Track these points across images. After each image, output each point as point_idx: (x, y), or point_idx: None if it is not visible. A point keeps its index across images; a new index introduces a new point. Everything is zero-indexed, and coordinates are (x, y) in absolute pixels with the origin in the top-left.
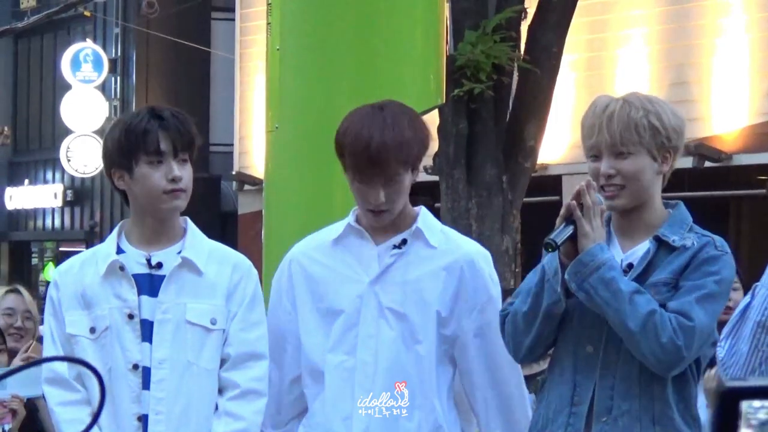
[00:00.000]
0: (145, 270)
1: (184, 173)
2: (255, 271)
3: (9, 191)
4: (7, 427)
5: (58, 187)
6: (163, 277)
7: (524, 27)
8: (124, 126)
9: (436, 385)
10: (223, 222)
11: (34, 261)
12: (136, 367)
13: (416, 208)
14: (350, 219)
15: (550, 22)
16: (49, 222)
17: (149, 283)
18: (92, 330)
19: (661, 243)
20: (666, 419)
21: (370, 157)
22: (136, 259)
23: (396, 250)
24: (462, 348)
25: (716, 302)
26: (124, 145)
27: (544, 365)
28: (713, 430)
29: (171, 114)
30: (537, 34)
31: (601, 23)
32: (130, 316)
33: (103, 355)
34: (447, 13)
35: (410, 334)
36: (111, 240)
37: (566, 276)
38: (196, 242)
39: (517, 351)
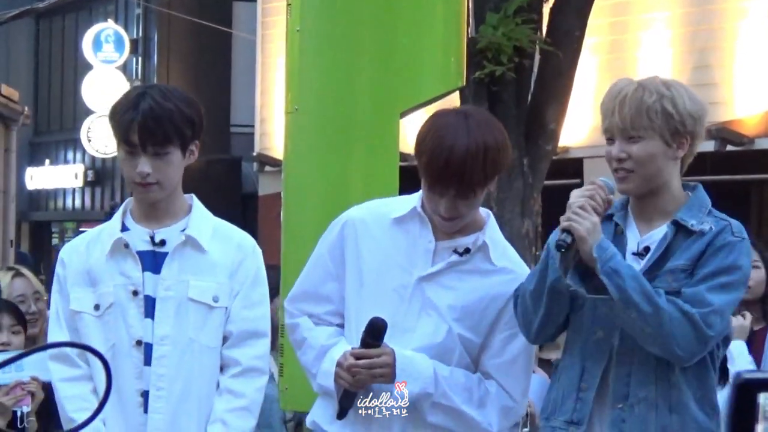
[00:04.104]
0: (148, 247)
1: (160, 166)
2: (259, 250)
3: (30, 171)
4: (26, 409)
5: (79, 168)
6: (166, 254)
7: (546, 9)
8: (113, 107)
9: None
10: (243, 203)
11: (55, 241)
12: (139, 343)
13: (484, 213)
14: (417, 203)
15: (572, 5)
16: (69, 202)
17: (152, 260)
18: (96, 307)
19: (679, 227)
20: (682, 407)
21: (449, 163)
22: (140, 237)
23: (456, 257)
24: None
25: (732, 291)
26: (111, 126)
27: (559, 353)
28: (730, 423)
29: (150, 106)
30: (559, 17)
31: (623, 6)
32: (135, 293)
33: (106, 332)
34: None
35: (450, 340)
36: (116, 218)
37: (596, 254)
38: (201, 220)
39: (528, 330)
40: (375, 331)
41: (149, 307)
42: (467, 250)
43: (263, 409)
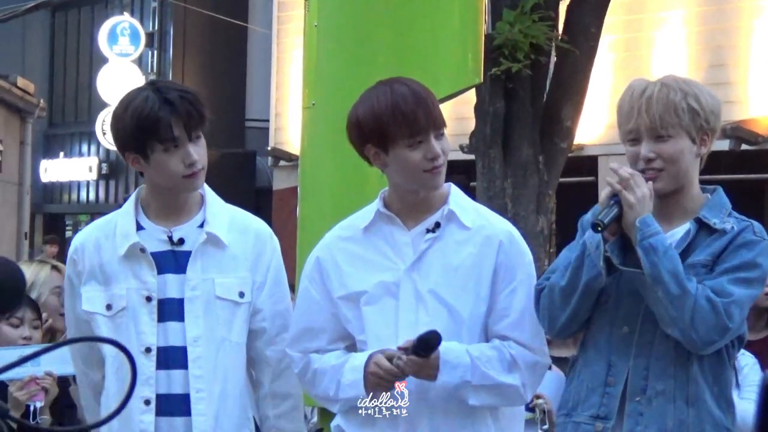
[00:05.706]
0: (167, 247)
1: (200, 151)
2: (275, 239)
3: (44, 164)
4: (38, 404)
5: (93, 160)
6: (187, 252)
7: (563, 7)
8: (135, 113)
9: None
10: (257, 197)
11: (68, 234)
12: (148, 350)
13: (446, 186)
14: (378, 205)
15: (588, 2)
16: (83, 195)
17: (173, 260)
18: (108, 307)
19: (701, 225)
20: (700, 401)
21: (414, 106)
22: (157, 236)
23: (430, 235)
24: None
25: (751, 287)
26: (137, 133)
27: (574, 350)
28: (757, 420)
29: (179, 96)
30: (575, 14)
31: (639, 4)
32: (148, 299)
33: (117, 335)
34: None
35: (453, 321)
36: (129, 215)
37: (638, 225)
38: (216, 211)
39: (552, 326)
40: (428, 346)
41: (170, 309)
42: (437, 224)
43: None
